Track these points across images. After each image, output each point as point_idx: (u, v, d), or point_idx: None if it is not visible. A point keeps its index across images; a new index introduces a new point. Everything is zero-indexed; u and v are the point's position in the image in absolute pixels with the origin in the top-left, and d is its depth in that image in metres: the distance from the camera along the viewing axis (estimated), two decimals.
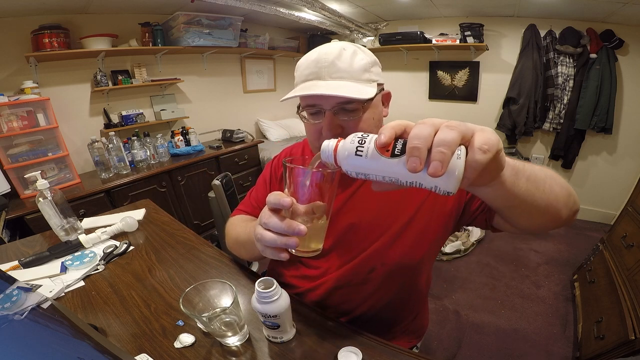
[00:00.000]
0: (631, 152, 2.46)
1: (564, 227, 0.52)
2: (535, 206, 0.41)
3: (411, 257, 0.65)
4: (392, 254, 0.64)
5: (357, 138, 0.33)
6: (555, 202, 0.43)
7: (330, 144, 0.36)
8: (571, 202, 0.46)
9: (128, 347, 0.56)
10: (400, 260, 0.64)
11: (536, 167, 0.41)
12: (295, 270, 0.74)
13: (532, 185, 0.39)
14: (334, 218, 0.67)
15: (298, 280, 0.73)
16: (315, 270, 0.70)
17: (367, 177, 0.33)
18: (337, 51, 0.54)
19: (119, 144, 1.95)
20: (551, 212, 0.44)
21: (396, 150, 0.30)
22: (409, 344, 0.78)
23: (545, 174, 0.42)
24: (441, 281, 1.96)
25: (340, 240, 0.67)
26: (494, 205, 0.44)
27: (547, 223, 0.47)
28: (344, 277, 0.67)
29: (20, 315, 0.33)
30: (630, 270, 1.33)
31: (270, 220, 0.42)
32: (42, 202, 0.88)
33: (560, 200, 0.44)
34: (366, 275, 0.66)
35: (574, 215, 0.49)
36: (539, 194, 0.40)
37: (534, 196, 0.40)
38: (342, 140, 0.35)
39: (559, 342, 1.51)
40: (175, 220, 1.05)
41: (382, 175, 0.31)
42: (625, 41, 2.22)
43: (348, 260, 0.67)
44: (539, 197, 0.40)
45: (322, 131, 0.56)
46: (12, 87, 1.73)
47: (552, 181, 0.42)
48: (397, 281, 0.67)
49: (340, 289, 0.68)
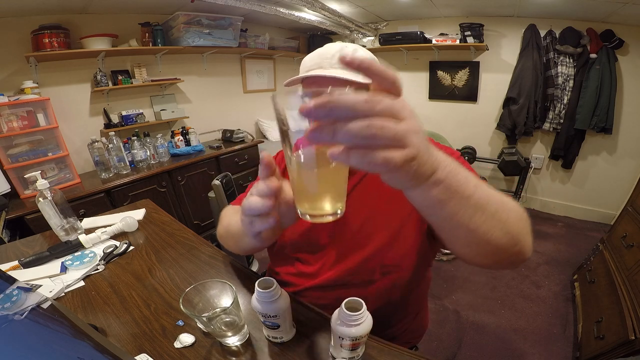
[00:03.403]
0: (631, 152, 2.46)
1: (500, 269, 0.46)
2: (464, 232, 0.34)
3: (411, 258, 0.64)
4: (392, 256, 0.64)
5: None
6: (490, 239, 0.35)
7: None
8: (513, 249, 0.38)
9: (128, 347, 0.56)
10: (400, 261, 0.64)
11: (492, 192, 0.35)
12: (292, 267, 0.74)
13: (470, 209, 0.33)
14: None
15: (295, 278, 0.73)
16: (310, 267, 0.70)
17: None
18: (339, 47, 0.62)
19: (119, 144, 1.95)
20: (482, 247, 0.36)
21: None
22: (408, 344, 0.78)
23: (499, 208, 0.35)
24: (441, 281, 1.96)
25: (335, 236, 0.67)
26: (420, 212, 0.35)
27: (476, 256, 0.40)
28: (341, 278, 0.66)
29: (20, 315, 0.33)
30: (630, 270, 1.33)
31: (253, 190, 0.37)
32: (42, 202, 0.88)
33: (496, 240, 0.36)
34: (365, 277, 0.65)
35: (515, 263, 0.41)
36: (475, 222, 0.33)
37: (469, 220, 0.33)
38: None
39: (559, 342, 1.51)
40: (175, 220, 1.05)
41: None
42: (625, 41, 2.22)
43: (344, 258, 0.66)
44: (473, 225, 0.33)
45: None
46: (12, 87, 1.73)
47: (503, 219, 0.35)
48: (397, 282, 0.66)
49: (339, 288, 0.67)
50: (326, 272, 0.68)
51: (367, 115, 0.24)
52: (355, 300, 0.47)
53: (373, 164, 0.24)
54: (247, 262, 1.79)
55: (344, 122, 0.24)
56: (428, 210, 0.33)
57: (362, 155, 0.24)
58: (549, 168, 2.87)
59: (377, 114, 0.24)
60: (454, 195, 0.31)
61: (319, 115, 0.24)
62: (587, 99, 2.35)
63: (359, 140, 0.24)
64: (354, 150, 0.24)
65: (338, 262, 0.67)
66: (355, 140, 0.24)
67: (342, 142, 0.24)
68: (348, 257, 0.66)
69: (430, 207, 0.33)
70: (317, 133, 0.25)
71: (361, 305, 0.46)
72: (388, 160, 0.24)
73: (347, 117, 0.24)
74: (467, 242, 0.37)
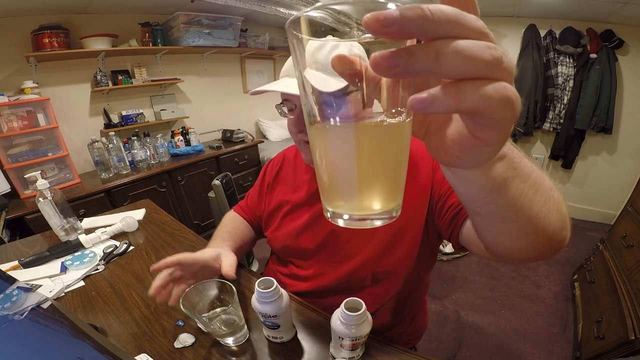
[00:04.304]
0: (631, 152, 2.46)
1: (539, 261, 0.41)
2: (526, 219, 0.29)
3: (408, 264, 0.62)
4: (385, 263, 0.62)
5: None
6: (548, 225, 0.30)
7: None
8: (562, 234, 0.33)
9: (128, 347, 0.56)
10: (394, 268, 0.63)
11: (543, 173, 0.30)
12: (286, 268, 0.74)
13: (530, 189, 0.27)
14: (318, 220, 0.67)
15: (288, 279, 0.73)
16: (303, 271, 0.70)
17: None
18: (317, 44, 0.53)
19: (119, 144, 1.95)
20: (540, 235, 0.31)
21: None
22: (407, 345, 0.78)
23: (552, 185, 0.31)
24: (441, 281, 1.96)
25: (323, 245, 0.67)
26: (471, 201, 0.29)
27: (526, 249, 0.33)
28: (333, 285, 0.66)
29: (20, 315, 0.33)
30: (630, 270, 1.33)
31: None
32: (42, 202, 0.88)
33: (553, 225, 0.31)
34: (356, 284, 0.65)
35: (557, 251, 0.36)
36: (537, 205, 0.28)
37: (530, 203, 0.28)
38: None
39: (559, 342, 1.50)
40: (175, 220, 1.05)
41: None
42: (625, 41, 2.22)
43: (334, 267, 0.66)
44: (536, 208, 0.28)
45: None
46: (12, 87, 1.73)
47: (556, 199, 0.31)
48: (391, 288, 0.65)
49: (332, 295, 0.67)
50: (317, 279, 0.68)
51: (481, 32, 0.16)
52: (355, 300, 0.47)
53: (492, 106, 0.16)
54: (247, 262, 1.79)
55: (451, 41, 0.15)
56: (488, 196, 0.26)
57: (478, 87, 0.16)
58: (549, 168, 2.86)
59: (488, 37, 0.16)
60: (517, 172, 0.25)
61: (410, 28, 0.15)
62: (587, 99, 2.35)
63: (477, 66, 0.15)
64: (469, 83, 0.16)
65: (328, 270, 0.67)
66: (472, 65, 0.15)
67: (450, 69, 0.15)
68: (337, 267, 0.65)
69: (493, 191, 0.25)
70: (402, 58, 0.15)
71: (361, 306, 0.46)
72: (512, 97, 0.16)
73: (454, 33, 0.15)
74: (524, 232, 0.30)
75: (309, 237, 0.68)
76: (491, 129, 0.18)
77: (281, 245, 0.73)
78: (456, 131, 0.20)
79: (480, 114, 0.16)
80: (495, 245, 0.35)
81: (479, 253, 0.44)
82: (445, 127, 0.22)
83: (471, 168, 0.23)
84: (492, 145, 0.19)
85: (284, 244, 0.72)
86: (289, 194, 0.73)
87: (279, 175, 0.78)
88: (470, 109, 0.16)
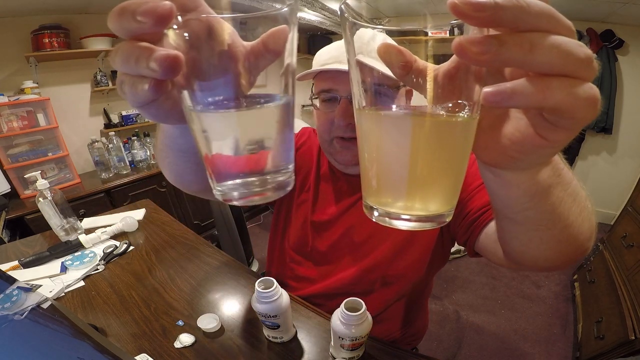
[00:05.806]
0: (631, 152, 2.46)
1: (557, 270, 0.41)
2: (561, 227, 0.27)
3: (419, 268, 0.62)
4: (396, 267, 0.62)
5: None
6: (580, 235, 0.29)
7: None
8: (587, 245, 0.32)
9: (128, 347, 0.56)
10: (405, 272, 0.62)
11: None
12: (290, 271, 0.73)
13: (569, 198, 0.26)
14: (335, 222, 0.65)
15: (295, 282, 0.72)
16: (311, 272, 0.69)
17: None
18: (372, 33, 0.52)
19: (119, 144, 1.95)
20: (570, 245, 0.30)
21: None
22: (409, 345, 0.78)
23: (586, 195, 0.30)
24: (441, 281, 1.96)
25: (336, 246, 0.66)
26: (508, 207, 0.27)
27: (552, 259, 0.32)
28: (341, 287, 0.65)
29: (20, 315, 0.33)
30: (630, 270, 1.33)
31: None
32: (42, 202, 0.88)
33: (583, 235, 0.30)
34: (366, 287, 0.64)
35: (575, 262, 0.35)
36: (573, 214, 0.27)
37: (568, 212, 0.26)
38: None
39: (559, 342, 1.50)
40: (175, 220, 1.05)
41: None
42: (625, 41, 2.22)
43: (344, 268, 0.65)
44: (572, 217, 0.27)
45: (334, 120, 0.54)
46: (12, 87, 1.73)
47: (590, 210, 0.30)
48: (399, 292, 0.65)
49: (339, 297, 0.67)
50: (325, 280, 0.67)
51: (571, 30, 0.16)
52: (355, 300, 0.47)
53: (579, 105, 0.15)
54: (247, 262, 1.79)
55: (547, 35, 0.15)
56: (529, 202, 0.24)
57: (567, 85, 0.15)
58: None
59: (575, 36, 0.16)
60: (560, 179, 0.24)
61: (503, 16, 0.14)
62: None
63: (570, 62, 0.15)
64: (557, 80, 0.15)
65: (338, 272, 0.66)
66: (566, 61, 0.15)
67: (543, 62, 0.15)
68: (348, 269, 0.65)
69: (535, 197, 0.24)
70: (493, 45, 0.14)
71: (361, 306, 0.46)
72: (598, 98, 0.16)
73: (547, 27, 0.15)
74: (555, 241, 0.28)
75: (322, 239, 0.67)
76: (565, 129, 0.17)
77: (292, 243, 0.70)
78: (517, 130, 0.19)
79: (562, 113, 0.16)
80: (521, 254, 0.33)
81: (495, 260, 0.43)
82: (500, 124, 0.20)
83: (520, 170, 0.22)
84: (556, 147, 0.18)
85: (294, 241, 0.70)
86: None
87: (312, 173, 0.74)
88: (556, 106, 0.15)
